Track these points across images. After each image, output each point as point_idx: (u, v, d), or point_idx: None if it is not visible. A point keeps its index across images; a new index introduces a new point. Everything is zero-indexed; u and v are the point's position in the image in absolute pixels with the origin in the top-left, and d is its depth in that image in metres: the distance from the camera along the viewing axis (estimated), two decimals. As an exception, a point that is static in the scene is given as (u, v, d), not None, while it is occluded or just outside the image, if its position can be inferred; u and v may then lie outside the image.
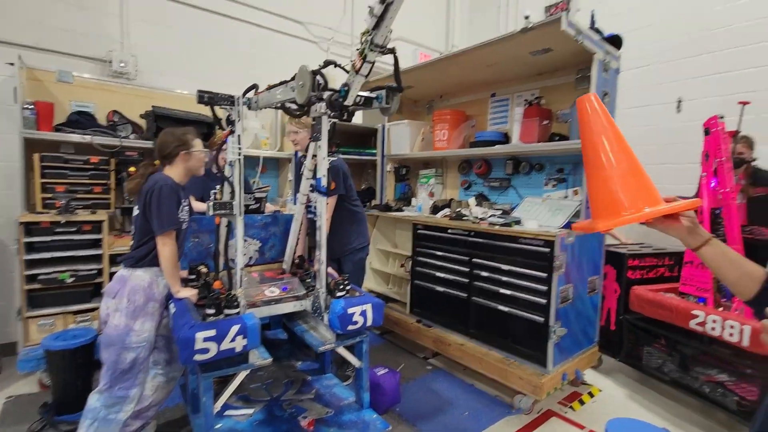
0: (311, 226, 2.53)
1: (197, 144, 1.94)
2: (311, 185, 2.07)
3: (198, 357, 1.47)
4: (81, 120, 2.96)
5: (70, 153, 2.93)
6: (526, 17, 5.21)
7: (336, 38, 4.67)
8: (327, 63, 1.45)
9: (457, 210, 3.20)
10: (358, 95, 1.43)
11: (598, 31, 2.51)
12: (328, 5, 4.64)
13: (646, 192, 0.84)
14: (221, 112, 1.97)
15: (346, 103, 1.41)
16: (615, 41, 2.55)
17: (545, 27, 2.25)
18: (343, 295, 1.92)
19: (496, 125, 3.40)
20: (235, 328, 1.53)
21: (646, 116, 3.82)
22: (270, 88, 1.69)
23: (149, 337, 1.80)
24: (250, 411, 2.01)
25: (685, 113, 3.58)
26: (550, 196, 2.98)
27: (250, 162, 3.67)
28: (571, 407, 2.53)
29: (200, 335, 1.46)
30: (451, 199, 3.60)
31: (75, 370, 2.20)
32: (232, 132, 1.65)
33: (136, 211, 1.88)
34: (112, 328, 1.75)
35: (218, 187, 2.17)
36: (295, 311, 2.10)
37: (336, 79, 1.45)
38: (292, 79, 1.47)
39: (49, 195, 2.76)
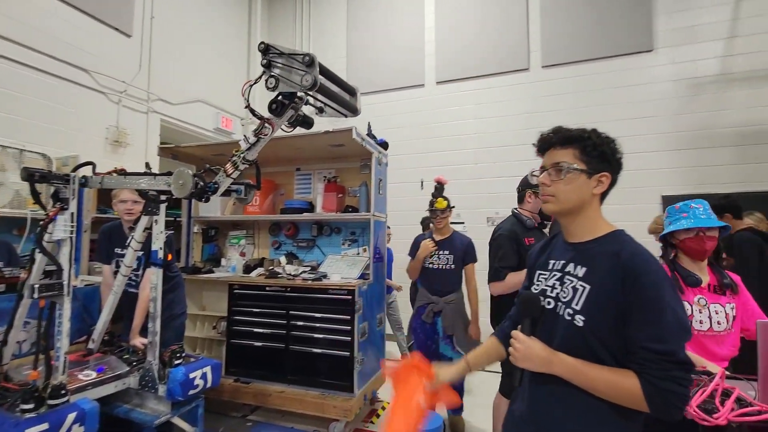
0: (127, 300, 2.39)
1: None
2: (138, 257, 2.09)
3: (25, 460, 1.32)
4: None
5: None
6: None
7: (129, 92, 4.41)
8: (207, 169, 1.70)
9: (270, 268, 3.58)
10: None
11: (373, 136, 3.57)
12: (120, 57, 4.38)
13: None
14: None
15: (214, 195, 1.69)
16: (384, 145, 3.66)
17: (341, 133, 3.08)
18: (180, 363, 2.00)
19: (301, 195, 4.04)
20: (71, 417, 1.44)
21: (406, 190, 5.33)
22: (122, 173, 1.72)
23: None
24: None
25: (426, 190, 5.25)
26: (346, 254, 3.77)
27: (11, 223, 3.02)
28: (371, 422, 3.20)
29: (29, 434, 1.33)
30: (263, 258, 3.94)
31: None
32: (63, 209, 1.57)
33: None
34: None
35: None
36: (115, 392, 1.98)
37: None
38: (166, 174, 1.63)
39: None
